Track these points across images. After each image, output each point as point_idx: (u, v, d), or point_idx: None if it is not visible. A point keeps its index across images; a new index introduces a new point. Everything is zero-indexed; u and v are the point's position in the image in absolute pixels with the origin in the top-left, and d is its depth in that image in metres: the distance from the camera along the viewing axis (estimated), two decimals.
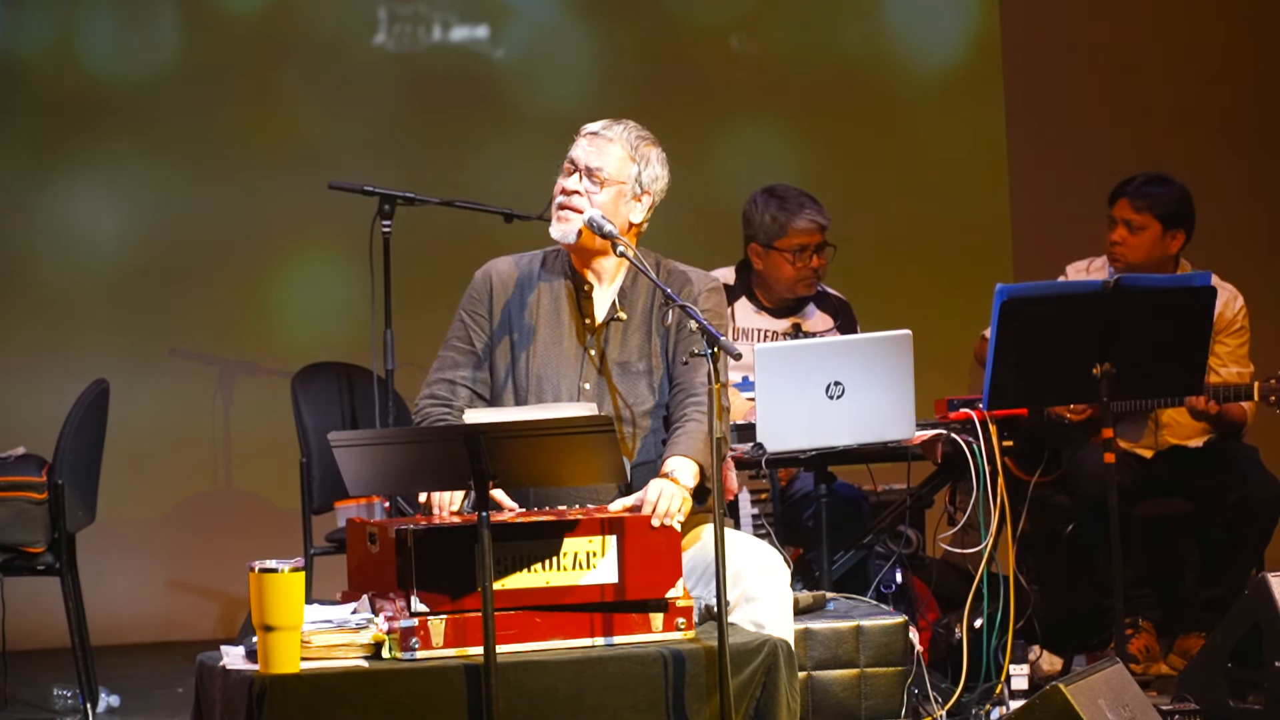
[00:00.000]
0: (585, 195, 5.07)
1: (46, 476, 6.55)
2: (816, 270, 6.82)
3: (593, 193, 5.07)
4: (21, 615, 6.94)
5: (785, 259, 6.78)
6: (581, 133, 5.16)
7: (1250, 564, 6.72)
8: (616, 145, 5.11)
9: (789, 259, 6.78)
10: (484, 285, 5.19)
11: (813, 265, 6.81)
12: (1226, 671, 5.93)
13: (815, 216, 6.79)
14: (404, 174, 7.88)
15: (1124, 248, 6.85)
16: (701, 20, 9.09)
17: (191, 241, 8.64)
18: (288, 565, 4.47)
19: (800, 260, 6.79)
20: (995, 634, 6.10)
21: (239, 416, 8.68)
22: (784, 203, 6.81)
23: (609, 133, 5.13)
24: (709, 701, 4.64)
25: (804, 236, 6.78)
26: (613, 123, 5.15)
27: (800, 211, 6.78)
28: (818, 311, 6.92)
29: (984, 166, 9.20)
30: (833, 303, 6.96)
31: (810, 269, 6.81)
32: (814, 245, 6.80)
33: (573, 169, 5.11)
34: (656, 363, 5.11)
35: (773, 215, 6.79)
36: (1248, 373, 6.82)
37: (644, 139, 5.15)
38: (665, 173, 5.16)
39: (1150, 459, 6.87)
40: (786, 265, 6.79)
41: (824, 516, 6.16)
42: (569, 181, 5.09)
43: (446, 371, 5.15)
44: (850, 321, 6.93)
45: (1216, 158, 9.08)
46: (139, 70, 8.64)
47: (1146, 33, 9.27)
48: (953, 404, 6.24)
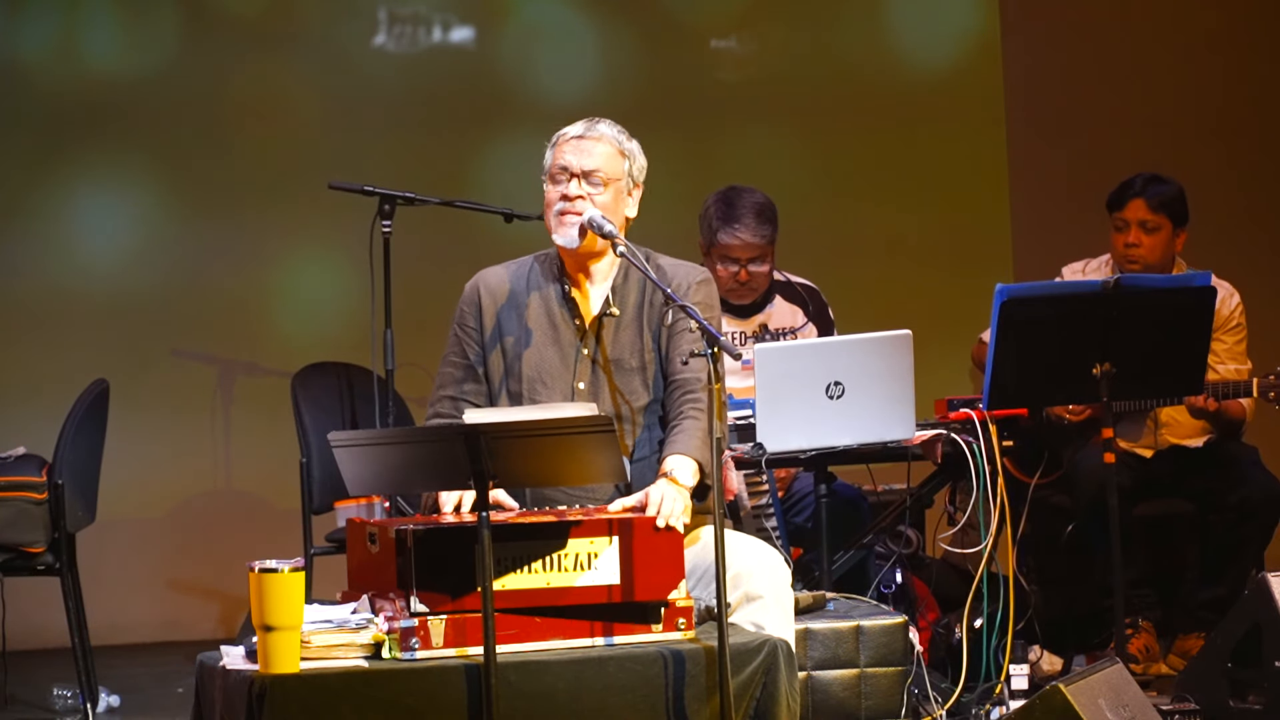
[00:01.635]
0: (587, 199, 5.06)
1: (46, 476, 6.55)
2: (745, 283, 6.73)
3: (594, 195, 5.06)
4: (21, 615, 6.94)
5: (717, 268, 6.71)
6: (562, 138, 5.11)
7: (1250, 564, 6.72)
8: (604, 144, 5.10)
9: (718, 268, 6.71)
10: (473, 296, 5.18)
11: (740, 279, 6.72)
12: (1226, 671, 5.93)
13: (746, 235, 6.68)
14: (404, 174, 7.88)
15: (1142, 249, 6.81)
16: (702, 21, 9.09)
17: (192, 241, 8.64)
18: (288, 565, 4.47)
19: (726, 270, 6.71)
20: (995, 634, 6.10)
21: (239, 416, 8.68)
22: (728, 210, 6.71)
23: (593, 133, 5.10)
24: (709, 701, 4.64)
25: (733, 250, 6.71)
26: (591, 123, 5.13)
27: (733, 224, 6.68)
28: (783, 303, 6.87)
29: (984, 167, 9.20)
30: (798, 291, 6.90)
31: (737, 281, 6.73)
32: (746, 260, 6.72)
33: (566, 175, 5.08)
34: (650, 359, 5.11)
35: (711, 220, 6.74)
36: (1246, 369, 6.82)
37: (624, 133, 5.14)
38: (646, 161, 5.17)
39: (1150, 459, 6.87)
40: (722, 279, 6.68)
41: (824, 516, 6.16)
42: (569, 188, 5.06)
43: (448, 389, 5.15)
44: (820, 307, 6.89)
45: (1215, 157, 9.08)
46: (139, 70, 8.63)
47: (1146, 33, 9.27)
48: (953, 404, 6.24)
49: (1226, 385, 6.61)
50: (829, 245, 8.86)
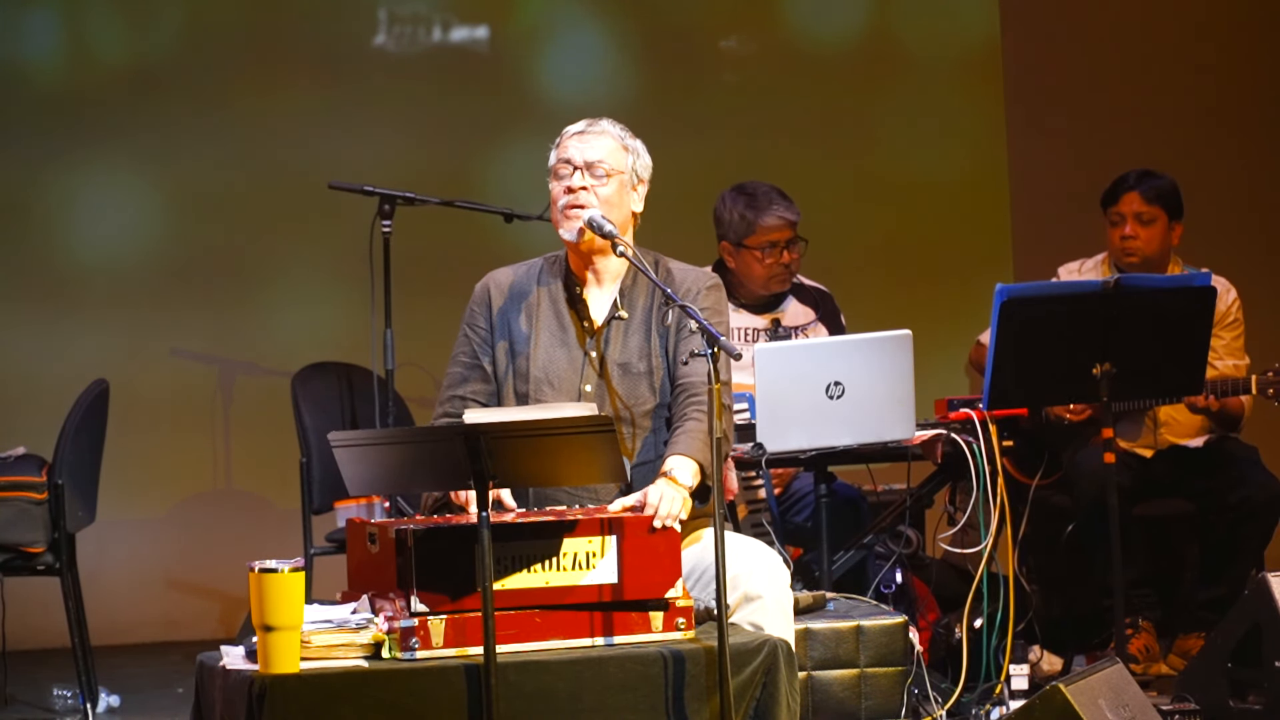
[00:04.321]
0: (590, 190, 5.06)
1: (46, 476, 6.55)
2: (788, 266, 6.82)
3: (597, 186, 5.06)
4: (21, 615, 6.94)
5: (755, 257, 6.78)
6: (565, 135, 5.12)
7: (1250, 564, 6.72)
8: (607, 138, 5.11)
9: (759, 256, 6.78)
10: (483, 296, 5.18)
11: (783, 261, 6.80)
12: (1226, 671, 5.93)
13: (784, 213, 6.78)
14: (404, 174, 7.88)
15: (1138, 241, 6.83)
16: (702, 20, 9.09)
17: (192, 241, 8.64)
18: (288, 565, 4.47)
19: (770, 257, 6.79)
20: (995, 634, 6.10)
21: (239, 416, 8.68)
22: (752, 200, 6.80)
23: (595, 129, 5.11)
24: (709, 701, 4.64)
25: (773, 234, 6.78)
26: (592, 121, 5.14)
27: (769, 208, 6.77)
28: (797, 304, 6.92)
29: (984, 167, 9.20)
30: (811, 294, 6.96)
31: (781, 265, 6.80)
32: (784, 241, 6.79)
33: (570, 169, 5.09)
34: (657, 363, 5.11)
35: (740, 213, 6.79)
36: (1244, 365, 6.83)
37: (627, 131, 5.15)
38: (651, 160, 5.18)
39: (1150, 459, 6.87)
40: (757, 264, 6.79)
41: (824, 516, 6.16)
42: (572, 180, 5.07)
43: (456, 388, 5.15)
44: (832, 310, 6.94)
45: (1215, 155, 9.08)
46: (139, 70, 8.63)
47: (1146, 31, 9.27)
48: (953, 404, 6.24)
49: (1226, 383, 6.62)
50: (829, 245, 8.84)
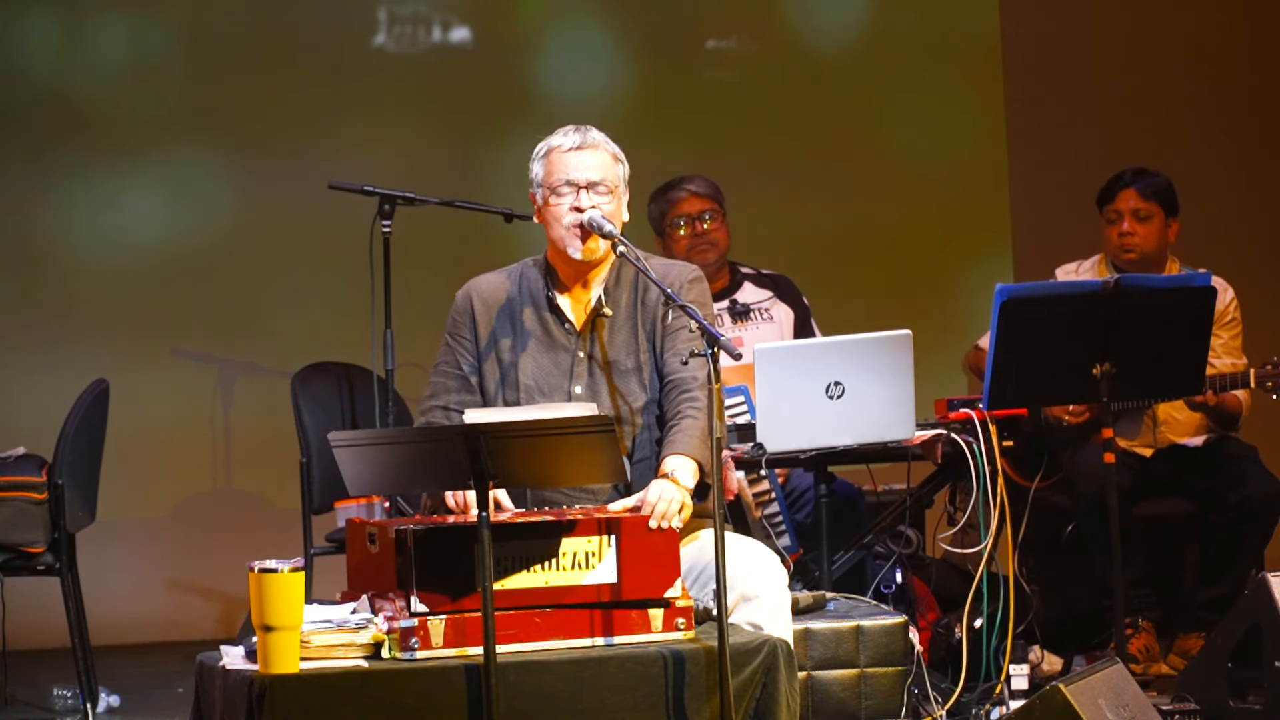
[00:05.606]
0: (597, 209, 5.04)
1: (46, 476, 6.55)
2: (708, 236, 6.97)
3: (602, 205, 5.05)
4: (21, 615, 6.94)
5: (676, 235, 6.97)
6: (556, 150, 5.08)
7: (1250, 564, 6.72)
8: (601, 152, 5.08)
9: (680, 234, 6.96)
10: (465, 305, 5.16)
11: (699, 232, 6.96)
12: (1226, 671, 5.93)
13: (693, 187, 6.99)
14: (404, 174, 7.88)
15: (1136, 238, 6.84)
16: (702, 20, 9.09)
17: (191, 241, 8.64)
18: (288, 565, 4.47)
19: (686, 227, 6.96)
20: (995, 634, 6.10)
21: (239, 416, 8.68)
22: (666, 187, 7.03)
23: (588, 143, 5.07)
24: (709, 701, 4.64)
25: (683, 205, 6.97)
26: (581, 133, 5.08)
27: (680, 186, 7.01)
28: (753, 287, 7.08)
29: (984, 166, 9.20)
30: (769, 279, 7.13)
31: (701, 233, 6.96)
32: (697, 213, 6.96)
33: (573, 190, 5.05)
34: (645, 359, 5.10)
35: (657, 203, 7.02)
36: (1242, 364, 6.82)
37: (609, 139, 5.13)
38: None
39: (1150, 459, 6.87)
40: (679, 240, 6.96)
41: (824, 516, 6.16)
42: (579, 200, 5.03)
43: (439, 398, 5.13)
44: (789, 287, 7.09)
45: (1214, 155, 9.09)
46: (139, 70, 8.63)
47: (1146, 31, 9.27)
48: (953, 404, 6.24)
49: (1224, 378, 6.62)
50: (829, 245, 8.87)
